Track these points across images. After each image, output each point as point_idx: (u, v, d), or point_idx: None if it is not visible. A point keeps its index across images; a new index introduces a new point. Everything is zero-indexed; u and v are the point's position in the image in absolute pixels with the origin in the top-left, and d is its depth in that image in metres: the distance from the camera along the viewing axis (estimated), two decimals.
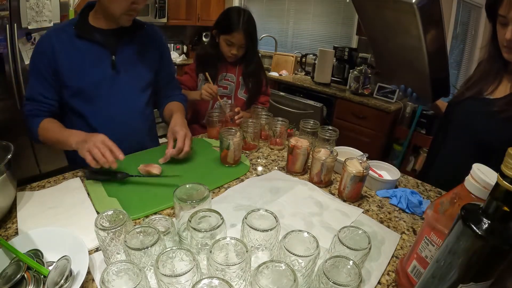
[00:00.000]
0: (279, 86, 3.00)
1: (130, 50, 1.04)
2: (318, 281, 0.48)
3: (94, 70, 0.98)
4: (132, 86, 1.06)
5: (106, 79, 1.00)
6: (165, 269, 0.48)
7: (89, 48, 0.97)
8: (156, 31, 1.14)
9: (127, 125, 1.06)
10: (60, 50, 0.94)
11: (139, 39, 1.06)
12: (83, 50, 0.96)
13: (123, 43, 1.02)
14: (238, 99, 1.47)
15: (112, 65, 1.00)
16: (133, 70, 1.06)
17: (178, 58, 3.62)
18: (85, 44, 0.96)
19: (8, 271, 0.53)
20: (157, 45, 1.14)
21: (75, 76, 0.96)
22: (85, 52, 0.96)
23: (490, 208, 0.38)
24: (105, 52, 0.99)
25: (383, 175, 0.95)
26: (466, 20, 2.76)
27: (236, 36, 1.31)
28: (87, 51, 0.97)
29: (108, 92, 1.01)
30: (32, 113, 0.97)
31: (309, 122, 1.16)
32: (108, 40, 0.99)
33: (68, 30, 0.96)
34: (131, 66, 1.05)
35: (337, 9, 3.11)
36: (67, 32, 0.95)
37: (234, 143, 0.96)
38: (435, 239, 0.50)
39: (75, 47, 0.95)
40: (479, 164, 0.48)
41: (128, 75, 1.04)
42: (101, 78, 0.99)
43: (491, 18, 0.86)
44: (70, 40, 0.95)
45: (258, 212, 0.60)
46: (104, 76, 1.00)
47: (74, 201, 0.78)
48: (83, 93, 0.98)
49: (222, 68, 1.42)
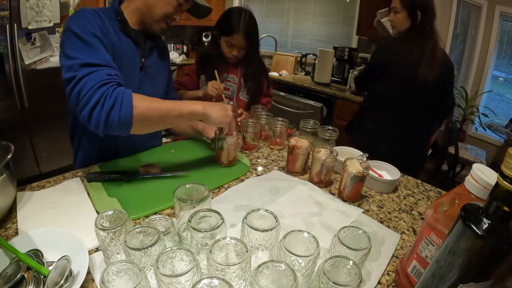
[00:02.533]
0: (279, 86, 3.00)
1: (153, 56, 1.04)
2: (318, 281, 0.48)
3: (129, 68, 0.93)
4: (153, 91, 1.04)
5: (135, 80, 0.97)
6: (165, 269, 0.48)
7: (129, 46, 0.92)
8: (164, 43, 1.15)
9: None
10: (109, 32, 0.84)
11: (157, 48, 1.06)
12: (124, 45, 0.90)
13: (149, 49, 1.00)
14: (240, 101, 1.46)
15: (141, 67, 0.98)
16: (155, 76, 1.05)
17: (178, 58, 3.62)
18: (127, 41, 0.91)
19: (8, 271, 0.53)
20: (167, 56, 1.15)
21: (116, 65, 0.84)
22: (126, 48, 0.91)
23: (490, 208, 0.38)
24: (138, 53, 0.96)
25: (383, 175, 0.95)
26: (466, 20, 2.76)
27: (237, 37, 1.30)
28: (127, 47, 0.91)
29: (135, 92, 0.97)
30: (115, 80, 0.73)
31: (309, 122, 1.16)
32: (140, 41, 0.96)
33: (112, 20, 0.87)
34: (154, 72, 1.04)
35: (337, 9, 3.11)
36: (112, 20, 0.87)
37: (228, 143, 0.95)
38: (435, 239, 0.50)
39: (119, 38, 0.88)
40: (479, 164, 0.48)
41: (151, 80, 1.03)
42: (132, 78, 0.95)
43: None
44: (115, 30, 0.88)
45: (258, 212, 0.60)
46: (134, 76, 0.96)
47: (74, 201, 0.78)
48: None
49: (224, 70, 1.41)
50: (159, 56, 1.07)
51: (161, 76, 1.10)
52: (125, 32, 0.91)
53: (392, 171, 0.96)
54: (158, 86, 1.08)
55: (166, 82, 1.14)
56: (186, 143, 1.19)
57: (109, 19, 0.87)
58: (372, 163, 0.97)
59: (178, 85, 1.47)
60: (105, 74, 0.72)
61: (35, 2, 2.02)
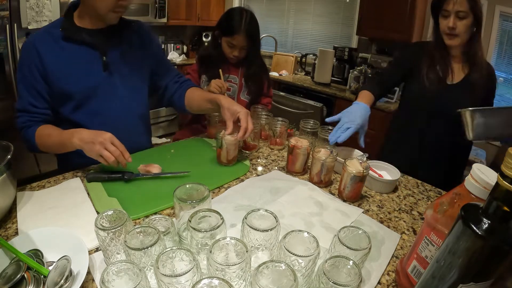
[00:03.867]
0: (279, 86, 3.00)
1: (121, 49, 0.99)
2: (318, 281, 0.48)
3: (85, 73, 0.93)
4: (127, 86, 1.02)
5: (99, 82, 0.95)
6: (165, 269, 0.48)
7: (78, 51, 0.92)
8: (143, 28, 1.09)
9: (123, 127, 1.01)
10: (46, 55, 0.89)
11: (128, 38, 1.02)
12: (72, 53, 0.91)
13: (113, 43, 0.97)
14: (241, 101, 1.46)
15: (104, 67, 0.96)
16: (126, 70, 1.01)
17: (178, 58, 3.62)
18: (73, 47, 0.91)
19: (8, 271, 0.53)
20: (147, 42, 1.09)
21: (65, 82, 0.91)
22: (74, 55, 0.91)
23: (490, 208, 0.38)
24: (95, 53, 0.94)
25: (383, 175, 0.95)
26: None
27: (237, 38, 1.30)
28: (76, 54, 0.92)
29: (102, 95, 0.97)
30: (26, 124, 0.93)
31: (309, 122, 1.16)
32: (97, 40, 0.93)
33: (54, 32, 0.90)
34: (124, 66, 1.00)
35: (337, 9, 3.11)
36: (52, 35, 0.90)
37: (227, 141, 0.94)
38: (435, 239, 0.50)
39: (63, 50, 0.90)
40: (479, 164, 0.48)
41: (122, 76, 1.00)
42: (94, 82, 0.95)
43: (434, 14, 1.13)
44: (57, 43, 0.90)
45: (258, 212, 0.60)
46: (96, 79, 0.95)
47: (74, 201, 0.78)
48: (75, 98, 0.94)
49: (225, 70, 1.41)
50: (132, 45, 1.03)
51: (138, 64, 1.05)
52: (72, 40, 0.91)
53: (392, 171, 0.96)
54: (135, 77, 1.05)
55: (146, 68, 1.09)
56: (186, 143, 1.19)
57: (54, 31, 0.90)
58: (372, 163, 0.97)
59: None
60: (20, 122, 0.95)
61: (35, 2, 2.02)
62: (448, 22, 1.05)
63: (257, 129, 1.13)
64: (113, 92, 0.99)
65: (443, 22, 1.08)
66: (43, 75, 0.90)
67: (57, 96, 0.93)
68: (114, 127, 0.94)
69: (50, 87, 0.92)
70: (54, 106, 0.96)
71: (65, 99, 0.94)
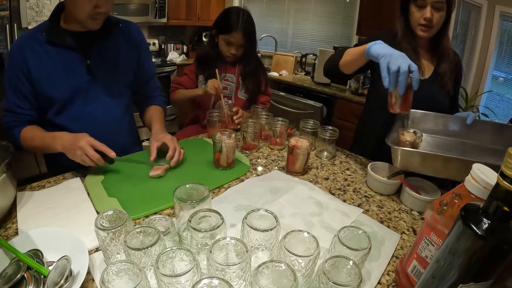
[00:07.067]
0: (279, 86, 3.00)
1: (106, 52, 0.99)
2: (318, 281, 0.48)
3: (69, 77, 0.93)
4: (110, 90, 1.02)
5: (82, 85, 0.95)
6: (165, 269, 0.48)
7: (62, 54, 0.92)
8: (132, 28, 1.08)
9: (107, 130, 1.01)
10: (32, 59, 0.89)
11: (115, 39, 1.01)
12: (55, 57, 0.91)
13: (98, 45, 0.97)
14: (238, 99, 1.47)
15: (87, 70, 0.95)
16: (110, 73, 1.01)
17: (178, 58, 3.62)
18: (58, 50, 0.91)
19: (8, 271, 0.53)
20: (134, 44, 1.07)
21: (50, 86, 0.92)
22: (58, 59, 0.92)
23: (490, 208, 0.38)
24: (78, 57, 0.94)
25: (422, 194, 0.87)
26: (466, 20, 2.76)
27: (235, 35, 1.31)
28: (60, 57, 0.92)
29: (85, 99, 0.97)
30: (11, 124, 0.95)
31: (309, 122, 1.16)
32: (81, 43, 0.93)
33: (39, 36, 0.90)
34: (108, 69, 1.00)
35: (337, 9, 3.11)
36: (37, 39, 0.90)
37: (227, 145, 0.94)
38: (435, 239, 0.50)
39: (47, 54, 0.90)
40: (479, 164, 0.48)
41: (105, 79, 1.00)
42: (77, 85, 0.95)
43: (404, 5, 1.07)
44: (42, 47, 0.90)
45: (258, 212, 0.60)
46: (79, 83, 0.95)
47: (74, 201, 0.78)
48: (59, 102, 0.94)
49: (222, 69, 1.42)
50: (118, 46, 1.02)
51: (122, 66, 1.05)
52: (56, 44, 0.91)
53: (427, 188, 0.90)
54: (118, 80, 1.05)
55: (131, 70, 1.08)
56: (186, 143, 1.19)
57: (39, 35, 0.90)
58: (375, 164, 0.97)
59: (176, 85, 1.49)
60: (5, 122, 0.95)
61: (35, 2, 2.02)
62: (424, 13, 0.99)
63: (257, 129, 1.13)
64: (96, 95, 0.99)
65: (417, 14, 1.02)
66: (29, 78, 0.91)
67: (42, 99, 0.94)
68: (97, 130, 0.94)
69: (35, 90, 0.93)
70: (38, 108, 0.96)
71: (49, 102, 0.95)
